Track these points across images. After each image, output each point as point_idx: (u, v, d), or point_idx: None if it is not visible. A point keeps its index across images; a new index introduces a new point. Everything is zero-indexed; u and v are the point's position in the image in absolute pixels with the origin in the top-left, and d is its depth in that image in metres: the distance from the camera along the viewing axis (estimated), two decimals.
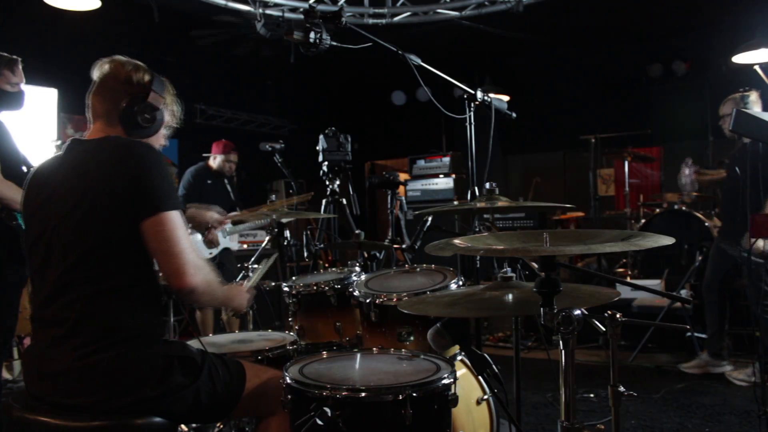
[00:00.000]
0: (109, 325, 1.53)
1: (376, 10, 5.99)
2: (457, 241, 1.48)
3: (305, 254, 4.60)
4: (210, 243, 4.89)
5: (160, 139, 1.83)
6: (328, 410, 1.48)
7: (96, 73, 1.75)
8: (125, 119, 1.71)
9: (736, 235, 3.85)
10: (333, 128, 4.32)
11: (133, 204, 1.53)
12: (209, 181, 5.00)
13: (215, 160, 5.04)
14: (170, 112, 1.84)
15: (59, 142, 3.51)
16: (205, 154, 5.13)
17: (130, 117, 1.71)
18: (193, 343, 1.78)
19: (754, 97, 3.82)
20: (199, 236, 4.87)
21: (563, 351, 1.26)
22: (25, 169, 2.92)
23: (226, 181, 5.13)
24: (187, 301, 1.61)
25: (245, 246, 5.50)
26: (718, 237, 4.19)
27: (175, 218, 1.56)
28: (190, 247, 1.57)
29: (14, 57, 2.94)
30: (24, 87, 2.97)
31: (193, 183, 4.90)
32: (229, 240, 5.06)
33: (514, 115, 2.59)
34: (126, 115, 1.71)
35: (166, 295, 2.59)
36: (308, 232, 4.41)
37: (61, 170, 1.64)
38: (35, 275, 1.63)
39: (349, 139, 4.31)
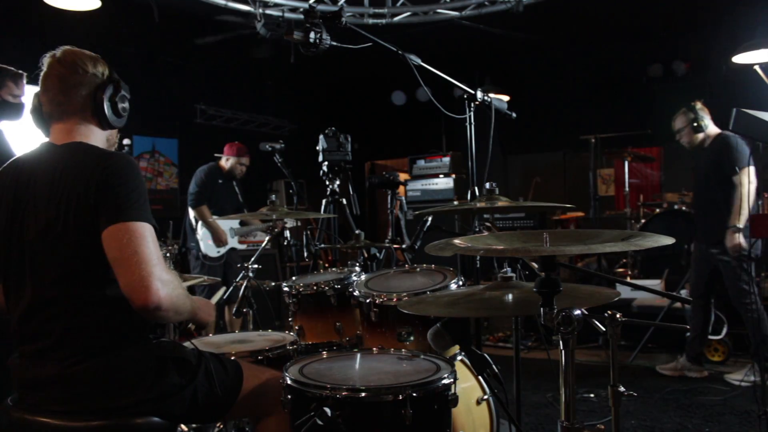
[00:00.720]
0: (95, 334, 1.50)
1: (376, 10, 5.99)
2: (457, 241, 1.47)
3: (305, 254, 4.60)
4: (219, 242, 4.91)
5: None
6: (328, 410, 1.48)
7: (47, 67, 1.62)
8: (105, 111, 1.63)
9: (709, 235, 3.89)
10: (333, 128, 4.32)
11: (99, 213, 1.45)
12: (220, 181, 5.06)
13: (227, 162, 5.09)
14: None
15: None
16: (216, 155, 5.16)
17: (112, 107, 1.64)
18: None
19: (700, 105, 4.02)
20: (204, 231, 4.89)
21: (563, 351, 1.26)
22: None
23: (234, 183, 5.17)
24: (151, 319, 1.48)
25: (245, 246, 5.52)
26: (696, 240, 4.21)
27: (140, 229, 1.44)
28: (158, 260, 1.44)
29: (20, 72, 3.05)
30: (25, 99, 3.04)
31: (206, 181, 4.94)
32: (236, 241, 5.09)
33: (514, 115, 2.59)
34: (111, 107, 1.64)
35: None
36: (308, 232, 4.40)
37: (34, 179, 1.55)
38: (12, 287, 1.57)
39: (349, 139, 4.31)
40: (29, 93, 3.05)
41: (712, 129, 4.04)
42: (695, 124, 4.00)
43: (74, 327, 1.49)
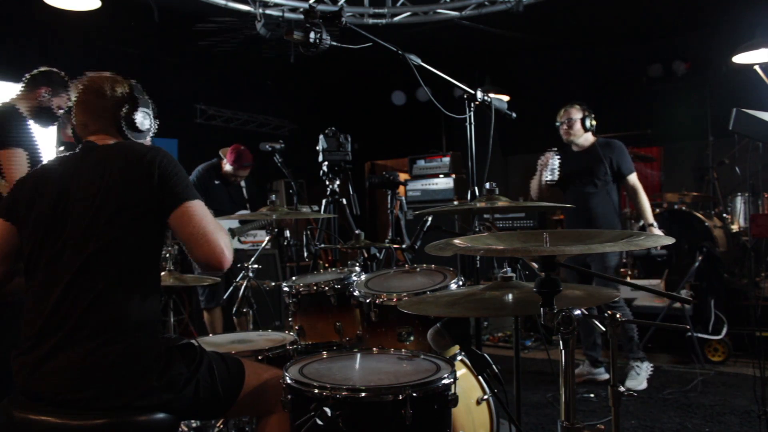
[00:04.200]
0: (116, 317, 1.54)
1: (376, 10, 5.99)
2: (457, 241, 1.48)
3: (305, 254, 4.59)
4: None
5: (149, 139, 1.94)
6: (328, 410, 1.48)
7: (75, 95, 1.79)
8: (127, 129, 1.81)
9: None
10: (333, 128, 4.31)
11: (160, 199, 1.61)
12: (216, 182, 4.80)
13: (226, 165, 4.81)
14: (152, 110, 1.94)
15: (61, 148, 3.59)
16: (220, 153, 4.92)
17: (131, 128, 1.81)
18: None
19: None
20: None
21: (563, 351, 1.26)
22: None
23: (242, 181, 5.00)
24: (215, 275, 1.89)
25: (248, 246, 5.48)
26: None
27: (201, 205, 1.65)
28: (218, 227, 1.66)
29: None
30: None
31: (197, 184, 4.66)
32: (238, 241, 4.95)
33: (514, 115, 2.59)
34: (128, 126, 1.81)
35: (166, 295, 2.60)
36: (308, 232, 4.39)
37: (79, 174, 1.66)
38: (42, 278, 1.61)
39: (349, 139, 4.31)
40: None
41: (591, 134, 4.12)
42: (588, 123, 4.05)
43: (97, 307, 1.53)
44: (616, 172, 3.98)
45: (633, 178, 3.98)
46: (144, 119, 1.84)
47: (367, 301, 2.17)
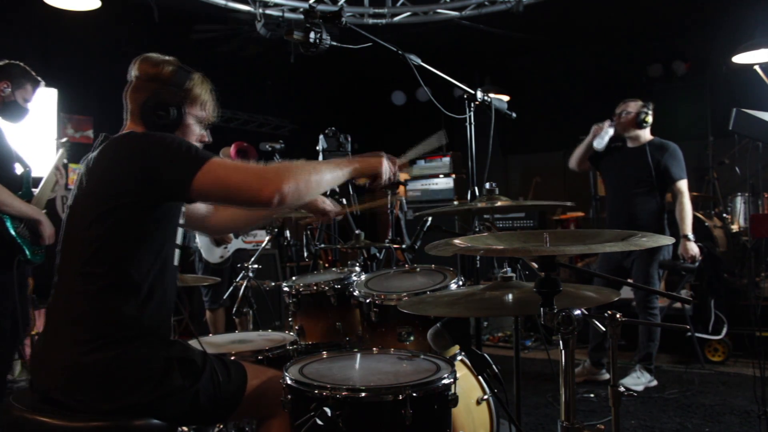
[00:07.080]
0: (111, 322, 1.52)
1: (376, 10, 5.99)
2: (457, 241, 1.48)
3: (305, 254, 4.58)
4: (222, 240, 4.73)
5: (190, 135, 1.80)
6: (328, 410, 1.48)
7: (129, 73, 1.79)
8: (144, 115, 1.72)
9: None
10: (333, 128, 4.31)
11: (162, 186, 1.53)
12: None
13: None
14: (200, 105, 1.81)
15: (64, 139, 3.57)
16: (222, 152, 4.94)
17: (146, 113, 1.71)
18: (193, 344, 1.78)
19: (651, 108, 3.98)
20: (202, 237, 4.80)
21: (563, 351, 1.26)
22: (19, 167, 2.96)
23: None
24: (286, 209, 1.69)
25: (252, 246, 5.44)
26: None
27: (215, 165, 1.51)
28: (251, 171, 1.52)
29: (38, 78, 3.12)
30: (30, 105, 3.11)
31: None
32: (241, 241, 4.93)
33: (514, 115, 2.59)
34: (144, 112, 1.72)
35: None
36: (308, 232, 4.39)
37: (89, 168, 1.65)
38: (55, 272, 1.63)
39: (349, 139, 4.31)
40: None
41: (647, 133, 4.01)
42: (642, 118, 3.93)
43: (97, 307, 1.52)
44: (663, 175, 3.88)
45: (681, 185, 3.86)
46: (163, 111, 1.71)
47: (367, 301, 2.17)
